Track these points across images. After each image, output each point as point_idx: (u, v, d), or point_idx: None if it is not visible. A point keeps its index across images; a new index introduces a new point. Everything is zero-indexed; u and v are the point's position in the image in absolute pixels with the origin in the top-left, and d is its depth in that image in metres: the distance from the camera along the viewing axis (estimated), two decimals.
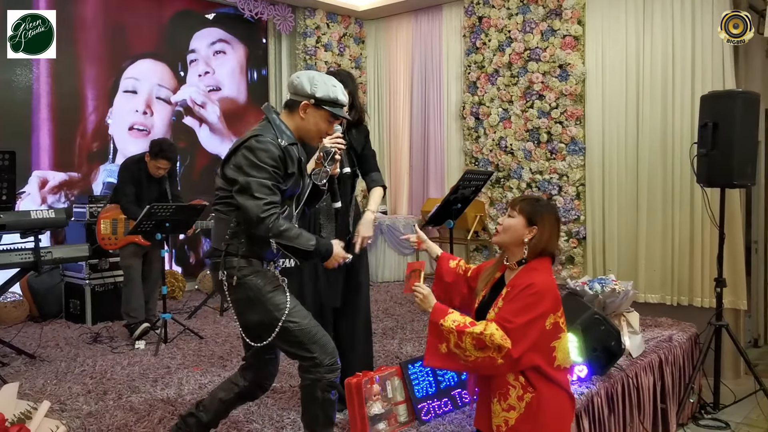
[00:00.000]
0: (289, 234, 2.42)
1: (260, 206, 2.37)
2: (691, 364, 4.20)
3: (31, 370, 4.11)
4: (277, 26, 7.27)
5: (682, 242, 5.33)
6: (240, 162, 2.42)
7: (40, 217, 4.12)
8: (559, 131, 6.14)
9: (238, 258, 2.46)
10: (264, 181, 2.39)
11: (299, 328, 2.46)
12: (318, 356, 2.44)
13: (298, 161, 2.54)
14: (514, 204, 2.50)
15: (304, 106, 2.52)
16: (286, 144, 2.47)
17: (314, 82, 2.51)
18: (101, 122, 6.18)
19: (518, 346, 2.25)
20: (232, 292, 2.49)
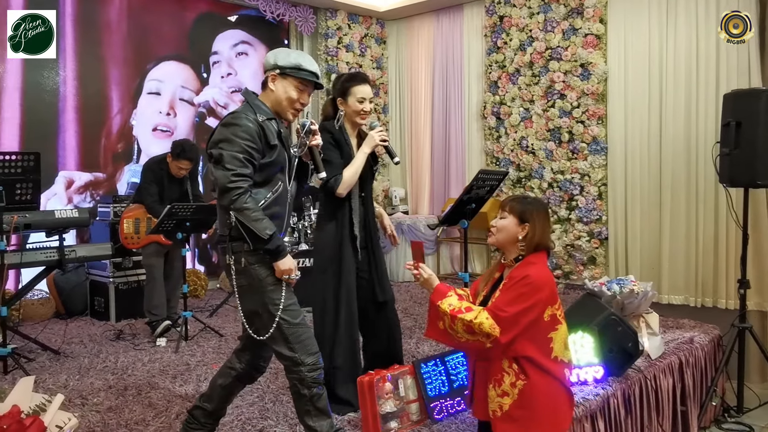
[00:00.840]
0: (249, 215, 2.43)
1: (228, 176, 2.42)
2: (713, 367, 4.14)
3: (55, 365, 4.19)
4: (299, 27, 7.32)
5: (706, 243, 5.26)
6: (216, 138, 2.51)
7: (64, 217, 4.22)
8: (580, 131, 6.09)
9: (242, 241, 2.50)
10: (236, 154, 2.45)
11: (288, 326, 2.51)
12: (299, 356, 2.51)
13: (278, 133, 2.59)
14: (504, 205, 2.57)
15: (272, 77, 2.61)
16: (264, 119, 2.54)
17: (277, 54, 2.61)
18: (126, 123, 6.28)
19: (507, 334, 2.34)
20: (238, 277, 2.55)
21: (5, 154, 4.05)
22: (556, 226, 6.28)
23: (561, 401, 2.45)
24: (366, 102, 3.24)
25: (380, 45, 7.94)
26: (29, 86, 5.66)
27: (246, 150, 2.45)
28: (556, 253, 6.27)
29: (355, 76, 3.29)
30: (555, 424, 2.43)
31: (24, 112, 5.63)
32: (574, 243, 6.14)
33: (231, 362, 2.78)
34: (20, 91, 5.61)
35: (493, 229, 2.57)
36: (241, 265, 2.51)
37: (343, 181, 3.15)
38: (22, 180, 3.94)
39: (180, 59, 6.69)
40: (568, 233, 6.20)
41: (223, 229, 2.58)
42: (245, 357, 2.75)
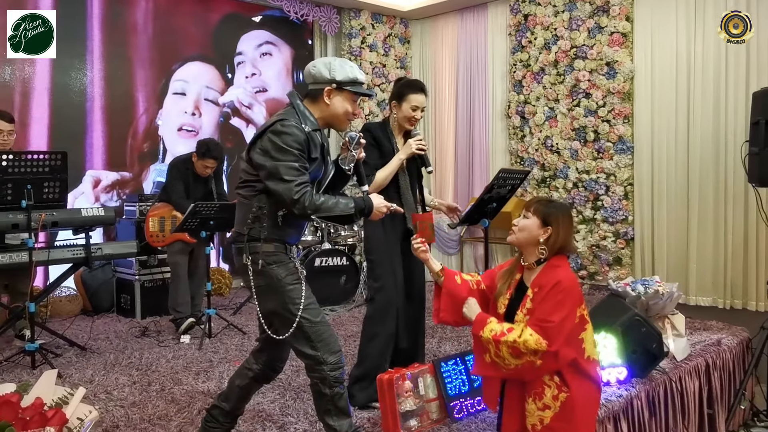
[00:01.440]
0: (327, 205, 2.47)
1: (291, 188, 2.41)
2: (742, 370, 4.06)
3: (82, 361, 4.25)
4: (323, 28, 7.34)
5: (736, 243, 5.18)
6: (266, 146, 2.45)
7: (90, 215, 4.28)
8: (606, 130, 6.03)
9: (261, 242, 2.50)
10: (291, 164, 2.43)
11: (310, 324, 2.51)
12: (321, 355, 2.50)
13: (321, 147, 2.58)
14: (529, 205, 2.54)
15: (328, 91, 2.56)
16: (310, 130, 2.51)
17: (331, 67, 2.56)
18: (151, 123, 6.36)
19: (556, 343, 2.30)
20: (256, 277, 2.54)
21: (33, 153, 4.13)
22: (581, 227, 6.22)
23: (595, 402, 2.48)
24: (418, 111, 3.32)
25: (404, 45, 7.93)
26: (57, 87, 5.76)
27: (299, 158, 2.45)
28: (581, 253, 6.21)
29: (414, 84, 3.37)
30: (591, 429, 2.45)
31: (52, 113, 5.73)
32: (600, 243, 6.07)
33: (248, 363, 2.79)
34: (48, 92, 5.71)
35: (515, 227, 2.53)
36: (258, 265, 2.50)
37: (374, 182, 3.23)
38: (50, 179, 3.99)
39: (205, 60, 6.75)
40: (593, 233, 6.14)
41: (241, 227, 2.57)
42: (262, 358, 2.75)
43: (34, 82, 5.63)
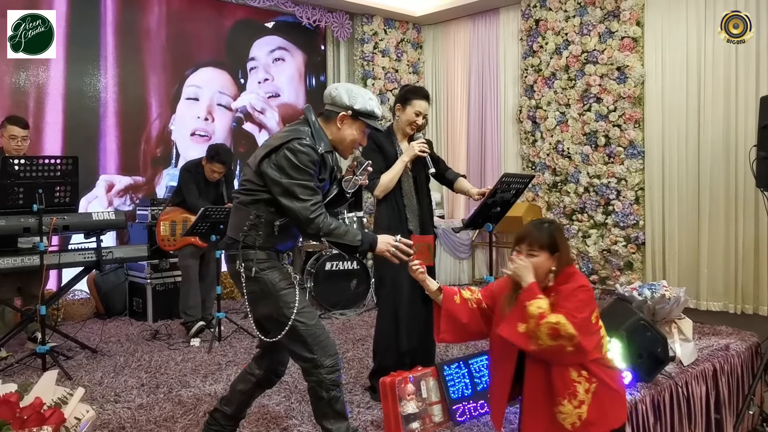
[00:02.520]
0: (338, 231, 2.50)
1: (308, 208, 2.44)
2: (751, 374, 4.03)
3: (92, 363, 4.30)
4: (335, 33, 7.39)
5: (746, 248, 5.14)
6: (282, 163, 2.45)
7: (101, 219, 4.33)
8: (617, 134, 6.01)
9: (255, 250, 2.52)
10: (306, 183, 2.45)
11: (305, 327, 2.52)
12: (318, 358, 2.51)
13: (331, 170, 2.61)
14: (531, 242, 2.50)
15: (342, 117, 2.57)
16: (323, 151, 2.53)
17: (352, 94, 2.56)
18: (164, 128, 6.42)
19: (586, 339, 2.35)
20: (249, 283, 2.55)
21: (45, 157, 4.18)
22: (592, 231, 6.20)
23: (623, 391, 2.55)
24: (421, 117, 3.41)
25: (416, 50, 7.95)
26: (71, 92, 5.84)
27: (314, 177, 2.48)
28: (592, 258, 6.19)
29: (419, 90, 3.45)
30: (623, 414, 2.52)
31: (66, 117, 5.82)
32: (611, 248, 6.04)
33: (250, 368, 2.80)
34: (62, 97, 5.80)
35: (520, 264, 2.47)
36: (252, 272, 2.52)
37: (380, 185, 3.33)
38: (61, 183, 4.05)
39: (218, 65, 6.82)
40: (604, 238, 6.11)
41: (236, 234, 2.57)
42: (264, 363, 2.77)
43: (49, 87, 5.72)
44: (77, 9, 5.81)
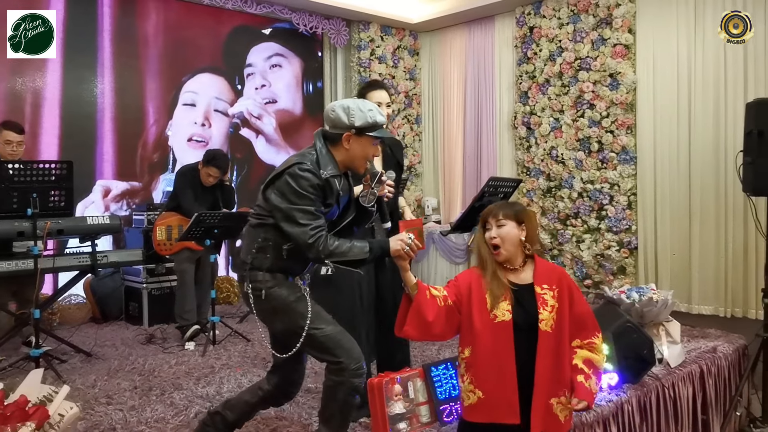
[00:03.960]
0: (340, 250, 2.49)
1: (307, 232, 2.44)
2: (738, 376, 4.07)
3: (86, 366, 4.34)
4: (332, 40, 7.45)
5: (736, 252, 5.18)
6: (283, 188, 2.48)
7: (96, 223, 4.39)
8: (609, 140, 6.05)
9: (263, 272, 2.55)
10: (306, 208, 2.46)
11: (324, 334, 2.54)
12: (344, 360, 2.51)
13: (337, 194, 2.59)
14: (497, 214, 2.53)
15: (347, 137, 2.55)
16: (329, 176, 2.51)
17: (350, 112, 2.53)
18: (161, 134, 6.48)
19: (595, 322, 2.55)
20: (258, 304, 2.58)
21: (40, 162, 4.23)
22: (586, 236, 6.24)
23: None
24: (383, 106, 3.25)
25: (413, 56, 8.01)
26: (68, 98, 5.89)
27: (315, 202, 2.48)
28: (586, 262, 6.22)
29: (372, 83, 3.38)
30: None
31: (63, 123, 5.86)
32: (604, 253, 6.08)
33: (261, 383, 2.80)
34: (59, 103, 5.84)
35: (497, 240, 2.50)
36: (260, 291, 2.55)
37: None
38: (56, 187, 4.09)
39: (215, 71, 6.87)
40: (598, 243, 6.15)
41: (246, 256, 2.60)
42: (274, 380, 2.76)
43: (45, 92, 5.77)
44: (74, 15, 5.87)
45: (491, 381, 2.45)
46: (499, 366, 2.43)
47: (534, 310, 2.45)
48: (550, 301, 2.45)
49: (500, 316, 2.47)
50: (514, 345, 2.44)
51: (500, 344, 2.43)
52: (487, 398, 2.45)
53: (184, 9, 6.60)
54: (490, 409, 2.46)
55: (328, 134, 2.60)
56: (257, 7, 6.69)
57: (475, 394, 2.48)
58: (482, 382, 2.47)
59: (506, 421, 2.42)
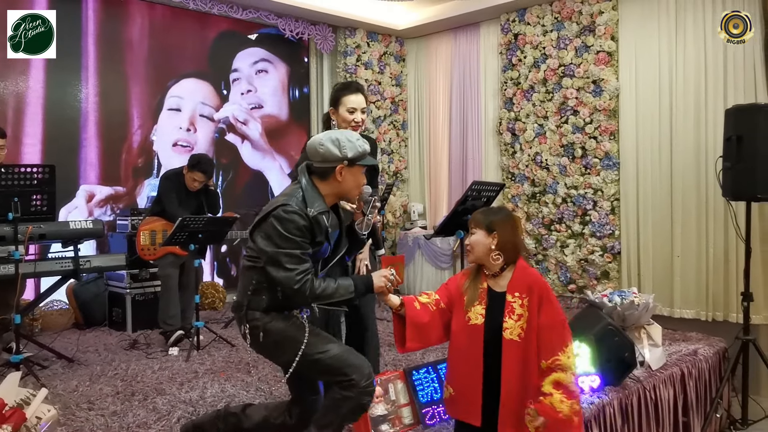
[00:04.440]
0: (327, 293, 2.48)
1: (293, 278, 2.42)
2: (718, 379, 4.11)
3: (68, 372, 4.30)
4: (318, 45, 7.46)
5: (717, 257, 5.24)
6: (269, 231, 2.47)
7: (78, 228, 4.35)
8: (593, 146, 6.10)
9: (260, 312, 2.55)
10: (292, 252, 2.43)
11: (329, 356, 2.52)
12: (355, 377, 2.49)
13: (326, 231, 2.56)
14: (470, 222, 2.63)
15: (340, 169, 2.52)
16: (316, 213, 2.49)
17: (340, 144, 2.51)
18: (146, 139, 6.45)
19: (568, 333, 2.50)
20: (258, 344, 2.57)
21: (21, 166, 4.20)
22: (570, 241, 6.29)
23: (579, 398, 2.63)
24: (357, 112, 3.18)
25: (399, 63, 8.04)
26: (51, 102, 5.85)
27: (301, 245, 2.45)
28: (570, 267, 6.26)
29: (348, 85, 3.25)
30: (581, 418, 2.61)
31: (46, 128, 5.83)
32: (588, 258, 6.12)
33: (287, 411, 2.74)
34: (42, 107, 5.81)
35: (467, 246, 2.60)
36: (258, 330, 2.54)
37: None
38: (38, 191, 4.06)
39: (200, 76, 6.86)
40: (581, 248, 6.19)
41: (242, 297, 2.61)
42: (296, 411, 2.72)
43: (28, 97, 5.73)
44: (58, 18, 5.80)
45: (460, 380, 2.54)
46: (468, 367, 2.50)
47: (501, 317, 2.49)
48: (518, 309, 2.48)
49: (473, 319, 2.54)
50: (482, 349, 2.49)
51: (471, 346, 2.50)
52: (457, 395, 2.55)
53: (170, 13, 6.59)
54: (458, 406, 2.55)
55: (316, 169, 2.56)
56: (243, 12, 6.70)
57: (448, 389, 2.60)
58: (453, 379, 2.58)
59: (468, 420, 2.50)
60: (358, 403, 2.50)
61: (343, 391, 2.50)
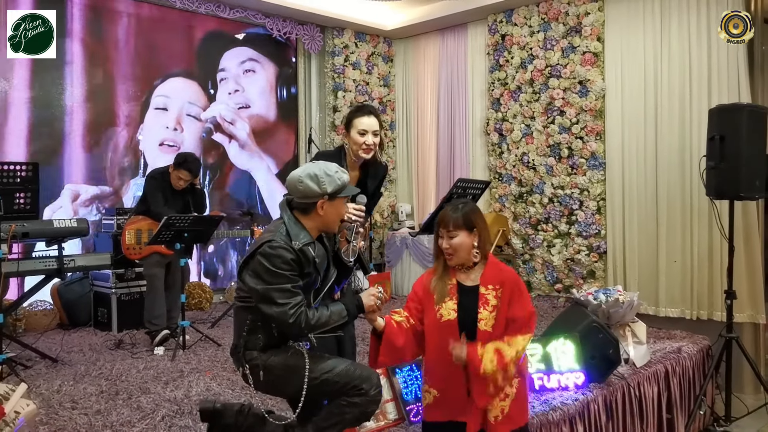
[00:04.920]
0: (322, 321, 2.48)
1: (286, 312, 2.42)
2: (702, 376, 4.14)
3: (52, 372, 4.26)
4: (306, 45, 7.46)
5: (701, 255, 5.28)
6: (257, 269, 2.47)
7: (62, 226, 4.32)
8: (579, 146, 6.13)
9: (257, 351, 2.55)
10: (283, 286, 2.44)
11: (335, 373, 2.52)
12: (365, 387, 2.50)
13: (313, 261, 2.55)
14: (447, 225, 2.55)
15: (321, 204, 2.53)
16: (301, 245, 2.49)
17: (319, 179, 2.51)
18: (132, 138, 6.42)
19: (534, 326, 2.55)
20: (260, 383, 2.58)
21: (4, 164, 4.16)
22: (556, 241, 6.31)
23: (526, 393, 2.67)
24: (368, 135, 3.11)
25: (387, 63, 8.05)
26: (37, 101, 5.82)
27: (290, 279, 2.45)
28: (556, 267, 6.29)
29: (361, 108, 3.21)
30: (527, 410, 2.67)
31: (31, 127, 5.79)
32: (574, 257, 6.15)
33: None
34: (28, 106, 5.77)
35: (449, 250, 2.55)
36: (259, 369, 2.54)
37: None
38: (21, 189, 4.04)
39: (187, 76, 6.84)
40: (568, 247, 6.22)
41: (238, 339, 2.61)
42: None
43: (12, 95, 5.69)
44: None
45: (443, 379, 2.52)
46: (448, 364, 2.48)
47: (476, 309, 2.50)
48: (492, 301, 2.51)
49: (446, 316, 2.54)
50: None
51: (447, 343, 2.48)
52: (442, 396, 2.54)
53: (157, 12, 6.57)
54: (446, 406, 2.53)
55: (298, 204, 2.58)
56: (230, 11, 6.69)
57: (430, 393, 2.56)
58: (435, 380, 2.56)
59: (458, 418, 2.50)
60: (364, 411, 2.51)
61: (351, 398, 2.51)
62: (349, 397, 2.50)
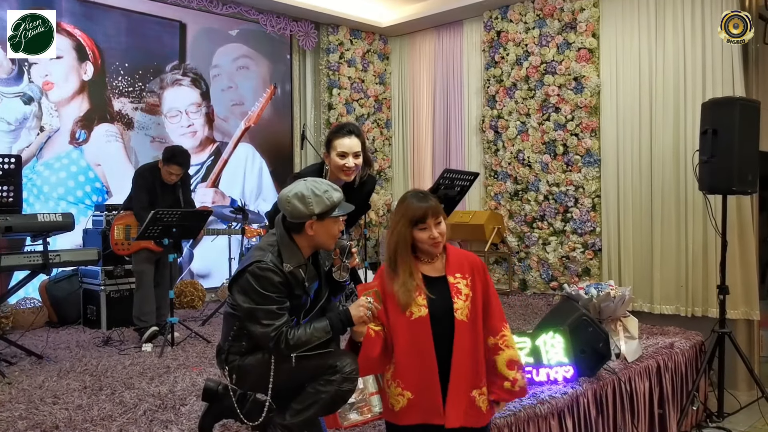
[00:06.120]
0: (303, 340, 2.45)
1: (268, 334, 2.42)
2: (694, 372, 4.09)
3: (36, 368, 4.20)
4: (300, 42, 7.41)
5: (695, 252, 5.24)
6: (245, 287, 2.47)
7: (47, 220, 4.23)
8: (574, 143, 6.08)
9: (239, 357, 2.58)
10: (269, 308, 2.43)
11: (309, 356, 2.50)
12: (338, 364, 2.48)
13: (303, 284, 2.53)
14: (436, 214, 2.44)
15: (309, 224, 2.49)
16: (292, 268, 2.48)
17: (306, 201, 2.46)
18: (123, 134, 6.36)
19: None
20: (243, 383, 2.63)
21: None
22: (551, 238, 6.26)
23: None
24: (349, 157, 2.94)
25: (383, 60, 8.00)
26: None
27: (277, 301, 2.45)
28: (551, 264, 6.23)
29: (341, 128, 3.02)
30: None
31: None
32: (569, 255, 6.10)
33: None
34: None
35: (438, 238, 2.43)
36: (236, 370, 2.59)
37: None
38: (3, 182, 3.97)
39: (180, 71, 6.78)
40: (563, 245, 6.17)
41: (223, 343, 2.64)
42: None
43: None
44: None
45: (418, 380, 2.40)
46: (422, 363, 2.39)
47: (449, 300, 2.41)
48: (464, 290, 2.42)
49: (417, 312, 2.41)
50: (433, 340, 2.38)
51: (420, 341, 2.39)
52: (417, 398, 2.40)
53: (149, 7, 6.51)
54: (420, 408, 2.40)
55: (289, 224, 2.54)
56: (224, 7, 6.64)
57: (404, 396, 2.41)
58: (410, 382, 2.41)
59: (433, 421, 2.39)
60: (338, 390, 2.48)
61: (326, 376, 2.49)
62: (324, 377, 2.49)
